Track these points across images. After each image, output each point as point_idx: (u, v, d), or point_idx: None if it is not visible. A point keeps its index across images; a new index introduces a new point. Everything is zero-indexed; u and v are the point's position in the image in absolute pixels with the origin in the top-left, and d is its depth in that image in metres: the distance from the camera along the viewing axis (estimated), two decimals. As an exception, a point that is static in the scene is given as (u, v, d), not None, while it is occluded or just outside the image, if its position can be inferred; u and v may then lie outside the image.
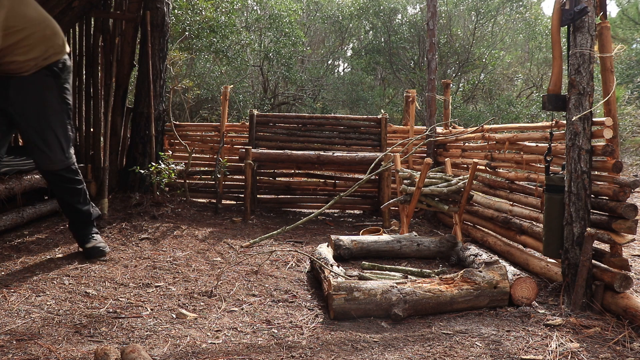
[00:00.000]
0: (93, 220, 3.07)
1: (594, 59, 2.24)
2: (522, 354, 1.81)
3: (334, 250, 3.07)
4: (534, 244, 2.95)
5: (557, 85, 2.37)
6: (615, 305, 2.14)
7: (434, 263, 3.10)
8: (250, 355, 1.77)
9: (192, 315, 2.15)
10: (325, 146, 4.96)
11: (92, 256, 2.94)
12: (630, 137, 9.71)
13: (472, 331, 2.01)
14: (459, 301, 2.22)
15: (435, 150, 4.83)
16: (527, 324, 2.10)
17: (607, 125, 2.25)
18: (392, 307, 2.14)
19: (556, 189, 2.36)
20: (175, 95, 9.17)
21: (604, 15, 2.27)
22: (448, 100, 4.70)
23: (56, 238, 3.39)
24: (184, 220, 4.10)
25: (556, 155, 2.66)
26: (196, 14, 8.24)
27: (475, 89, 12.06)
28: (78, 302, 2.25)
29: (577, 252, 2.25)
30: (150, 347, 1.82)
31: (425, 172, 3.31)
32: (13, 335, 1.87)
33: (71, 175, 2.91)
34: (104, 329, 1.97)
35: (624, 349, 1.86)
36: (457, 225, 3.50)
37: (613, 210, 2.17)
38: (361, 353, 1.82)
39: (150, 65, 4.63)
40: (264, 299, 2.39)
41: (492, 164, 3.62)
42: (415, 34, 11.47)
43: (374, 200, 4.81)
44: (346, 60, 14.11)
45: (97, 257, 2.94)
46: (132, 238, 3.48)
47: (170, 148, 5.13)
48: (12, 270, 2.67)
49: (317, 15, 12.99)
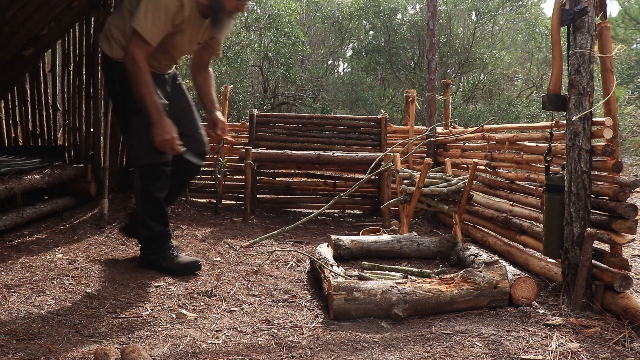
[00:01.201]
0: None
1: (594, 59, 2.24)
2: (522, 354, 1.81)
3: (334, 250, 3.07)
4: (534, 244, 2.95)
5: (557, 85, 2.37)
6: (615, 305, 2.15)
7: (434, 263, 3.10)
8: (250, 355, 1.77)
9: (192, 315, 2.15)
10: (325, 146, 4.96)
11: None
12: (630, 137, 9.71)
13: (472, 331, 2.01)
14: (459, 301, 2.22)
15: (435, 150, 4.83)
16: (527, 324, 2.10)
17: (607, 125, 2.25)
18: (392, 307, 2.14)
19: (556, 189, 2.36)
20: (175, 95, 9.16)
21: (604, 15, 2.27)
22: (448, 100, 4.70)
23: (56, 238, 3.39)
24: (184, 220, 4.10)
25: (556, 155, 2.66)
26: (196, 14, 8.22)
27: (475, 89, 12.06)
28: (78, 302, 2.25)
29: (577, 252, 2.25)
30: (150, 347, 1.82)
31: (425, 172, 3.31)
32: (13, 335, 1.87)
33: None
34: (104, 329, 1.97)
35: (624, 349, 1.86)
36: (457, 225, 3.50)
37: (613, 210, 2.17)
38: (361, 353, 1.82)
39: (150, 65, 4.62)
40: (264, 299, 2.39)
41: (492, 164, 3.62)
42: (415, 34, 11.47)
43: (374, 200, 4.81)
44: (346, 60, 14.11)
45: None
46: (132, 238, 3.48)
47: (170, 148, 5.13)
48: (12, 270, 2.67)
49: (317, 15, 12.99)
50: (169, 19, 2.51)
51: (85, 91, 4.63)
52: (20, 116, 4.81)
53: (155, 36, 2.50)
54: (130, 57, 2.48)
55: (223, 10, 2.59)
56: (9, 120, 4.86)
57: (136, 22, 2.46)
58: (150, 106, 2.51)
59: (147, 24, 2.45)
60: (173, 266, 2.72)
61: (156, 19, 2.46)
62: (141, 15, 2.45)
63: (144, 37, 2.46)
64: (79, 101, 4.66)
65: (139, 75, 2.48)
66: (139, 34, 2.46)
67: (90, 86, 4.60)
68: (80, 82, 4.64)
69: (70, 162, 4.67)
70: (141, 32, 2.45)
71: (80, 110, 4.67)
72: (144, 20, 2.45)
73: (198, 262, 2.76)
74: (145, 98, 2.50)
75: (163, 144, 2.51)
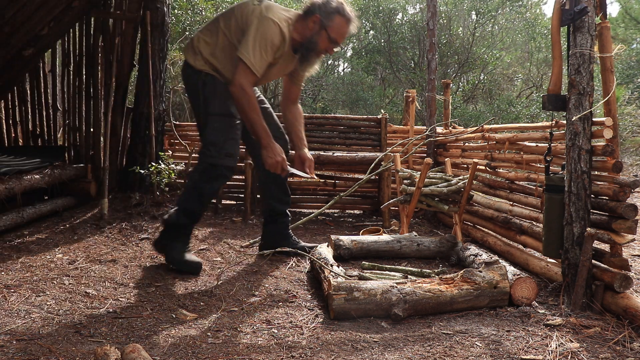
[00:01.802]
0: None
1: (594, 59, 2.24)
2: (522, 354, 1.81)
3: (334, 250, 3.06)
4: (534, 244, 2.95)
5: (557, 85, 2.37)
6: (615, 305, 2.15)
7: (434, 263, 3.10)
8: (250, 355, 1.77)
9: (192, 315, 2.15)
10: (325, 146, 4.95)
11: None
12: (630, 137, 9.71)
13: (472, 331, 2.01)
14: (459, 301, 2.22)
15: (435, 150, 4.83)
16: (527, 324, 2.10)
17: (607, 125, 2.25)
18: (392, 307, 2.14)
19: (556, 189, 2.36)
20: (175, 95, 9.17)
21: (604, 15, 2.27)
22: (448, 100, 4.70)
23: (56, 238, 3.39)
24: (184, 220, 4.09)
25: (556, 155, 2.66)
26: (196, 14, 8.25)
27: (475, 89, 12.06)
28: (78, 302, 2.25)
29: (577, 252, 2.25)
30: (150, 347, 1.82)
31: (425, 172, 3.31)
32: (13, 335, 1.87)
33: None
34: (104, 329, 1.97)
35: (624, 349, 1.86)
36: (457, 225, 3.50)
37: (613, 210, 2.17)
38: (361, 353, 1.82)
39: (150, 65, 4.63)
40: (264, 299, 2.39)
41: (492, 164, 3.62)
42: (415, 34, 11.48)
43: (374, 200, 4.81)
44: (346, 60, 14.12)
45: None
46: (132, 238, 3.48)
47: (170, 148, 5.13)
48: (12, 270, 2.67)
49: (317, 15, 12.96)
50: (273, 52, 2.66)
51: (85, 91, 4.63)
52: (20, 116, 4.82)
53: (261, 68, 2.63)
54: (239, 86, 2.59)
55: (315, 49, 2.76)
56: (9, 120, 4.86)
57: (244, 53, 2.58)
58: (261, 131, 2.66)
59: (255, 56, 2.58)
60: (176, 257, 2.76)
61: (263, 52, 2.60)
62: (249, 47, 2.58)
63: (251, 68, 2.58)
64: (79, 101, 4.67)
65: (249, 104, 2.62)
66: (247, 65, 2.57)
67: (90, 86, 4.61)
68: (80, 82, 4.64)
69: (70, 162, 4.68)
70: (249, 64, 2.57)
71: (80, 110, 4.68)
72: (252, 52, 2.58)
73: (199, 266, 2.78)
74: (256, 124, 2.65)
75: (275, 165, 2.67)
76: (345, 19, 2.72)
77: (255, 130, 2.68)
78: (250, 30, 2.60)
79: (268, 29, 2.61)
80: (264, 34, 2.60)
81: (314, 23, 2.71)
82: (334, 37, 2.73)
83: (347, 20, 2.73)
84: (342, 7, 2.72)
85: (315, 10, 2.72)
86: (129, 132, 4.85)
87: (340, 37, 2.75)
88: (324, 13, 2.70)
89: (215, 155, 2.69)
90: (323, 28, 2.71)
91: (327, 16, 2.70)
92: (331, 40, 2.74)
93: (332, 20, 2.70)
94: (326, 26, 2.70)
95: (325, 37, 2.73)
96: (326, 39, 2.73)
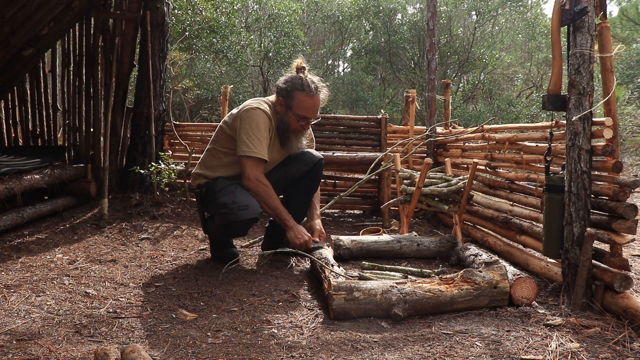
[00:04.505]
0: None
1: (594, 59, 2.24)
2: (522, 354, 1.81)
3: (334, 250, 3.07)
4: (534, 244, 2.95)
5: (557, 85, 2.37)
6: (615, 305, 2.15)
7: (434, 263, 3.10)
8: (250, 355, 1.77)
9: (192, 315, 2.15)
10: (325, 146, 4.95)
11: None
12: (630, 137, 9.72)
13: (472, 331, 2.01)
14: (459, 301, 2.22)
15: (435, 150, 4.83)
16: (527, 324, 2.10)
17: (607, 125, 2.25)
18: (392, 307, 2.14)
19: (556, 189, 2.36)
20: (175, 95, 9.17)
21: (604, 15, 2.27)
22: (448, 100, 4.70)
23: (56, 238, 3.39)
24: (184, 220, 4.10)
25: (556, 155, 2.66)
26: (196, 14, 8.25)
27: (475, 89, 12.07)
28: (78, 302, 2.25)
29: (577, 252, 2.25)
30: (150, 347, 1.82)
31: (425, 172, 3.31)
32: (13, 335, 1.87)
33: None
34: (104, 329, 1.97)
35: (624, 349, 1.86)
36: (457, 225, 3.50)
37: (613, 210, 2.17)
38: (361, 353, 1.82)
39: (150, 65, 4.63)
40: (264, 299, 2.39)
41: (492, 164, 3.62)
42: (415, 34, 11.48)
43: (374, 200, 4.81)
44: (346, 60, 14.12)
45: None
46: (132, 238, 3.48)
47: (170, 148, 5.13)
48: (12, 270, 2.67)
49: (317, 16, 13.00)
50: (267, 131, 2.73)
51: (85, 91, 4.63)
52: (20, 116, 4.82)
53: (265, 151, 2.70)
54: (253, 179, 2.67)
55: (289, 130, 2.81)
56: (9, 120, 4.86)
57: (243, 149, 2.66)
58: (283, 216, 2.74)
59: (255, 144, 2.66)
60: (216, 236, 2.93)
61: (258, 135, 2.67)
62: (245, 140, 2.66)
63: (257, 157, 2.66)
64: (79, 101, 4.67)
65: (267, 194, 2.70)
66: (251, 157, 2.66)
67: (90, 86, 4.61)
68: (80, 82, 4.64)
69: (70, 162, 4.68)
70: (253, 155, 2.65)
71: (80, 110, 4.68)
72: (250, 143, 2.65)
73: (237, 255, 2.95)
74: (277, 210, 2.73)
75: (302, 245, 2.73)
76: (306, 93, 2.72)
77: (278, 217, 2.75)
78: (240, 130, 2.69)
79: (253, 115, 2.69)
80: (251, 121, 2.67)
81: (280, 105, 2.78)
82: (301, 114, 2.75)
83: (309, 94, 2.73)
84: (301, 82, 2.72)
85: (279, 92, 2.78)
86: (129, 132, 4.85)
87: (306, 112, 2.75)
88: (285, 93, 2.75)
89: (230, 212, 2.64)
90: (288, 108, 2.76)
91: (287, 95, 2.74)
92: (299, 117, 2.76)
93: (293, 99, 2.73)
94: (290, 106, 2.75)
95: (293, 116, 2.76)
96: (294, 118, 2.76)
